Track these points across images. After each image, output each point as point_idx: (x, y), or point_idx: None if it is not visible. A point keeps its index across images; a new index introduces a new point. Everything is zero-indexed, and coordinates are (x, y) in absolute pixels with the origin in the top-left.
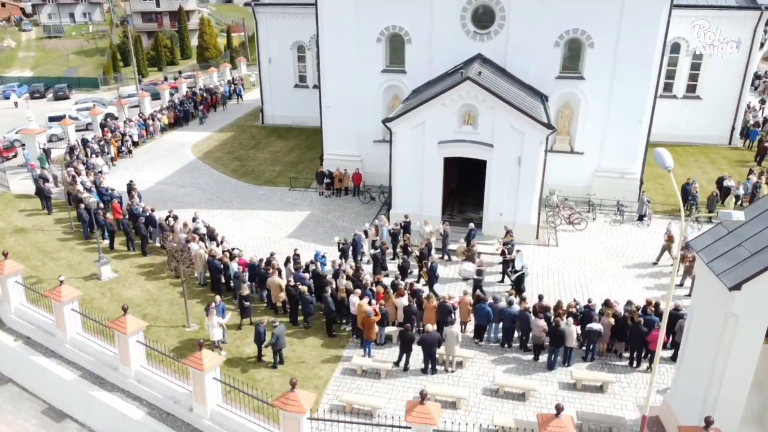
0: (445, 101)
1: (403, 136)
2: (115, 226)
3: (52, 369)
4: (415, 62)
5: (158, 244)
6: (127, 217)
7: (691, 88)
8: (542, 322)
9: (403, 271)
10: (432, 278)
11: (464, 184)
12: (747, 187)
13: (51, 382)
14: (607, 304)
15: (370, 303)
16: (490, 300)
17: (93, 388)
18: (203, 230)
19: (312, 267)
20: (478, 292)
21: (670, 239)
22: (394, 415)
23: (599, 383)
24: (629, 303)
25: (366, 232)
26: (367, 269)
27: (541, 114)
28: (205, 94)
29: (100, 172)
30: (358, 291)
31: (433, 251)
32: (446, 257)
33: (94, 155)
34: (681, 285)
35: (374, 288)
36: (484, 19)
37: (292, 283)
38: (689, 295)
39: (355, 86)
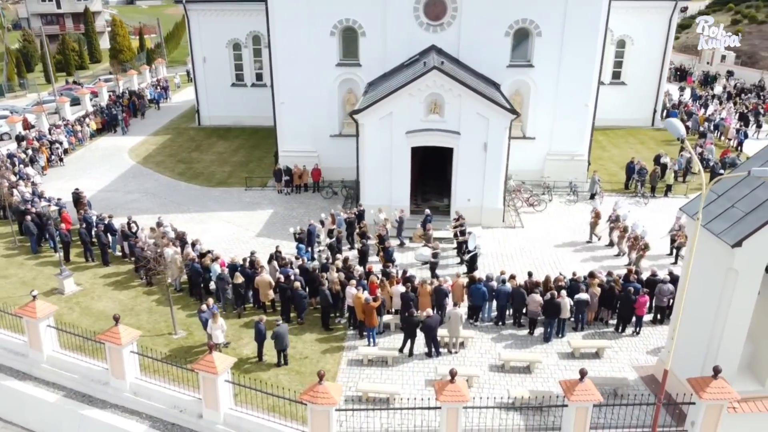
0: (412, 91)
1: (371, 128)
2: (70, 237)
3: (30, 392)
4: (370, 55)
5: (119, 253)
6: (84, 226)
7: (617, 75)
8: (539, 297)
9: (363, 255)
10: (388, 262)
11: (424, 173)
12: (681, 163)
13: (30, 406)
14: (591, 275)
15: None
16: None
17: (82, 407)
18: (172, 234)
19: (298, 262)
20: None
21: (597, 216)
22: (412, 399)
23: (595, 349)
24: (609, 274)
25: (322, 222)
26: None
27: (502, 101)
28: (132, 98)
29: (33, 182)
30: (354, 282)
31: (389, 237)
32: (402, 243)
33: (22, 165)
34: (618, 255)
35: (365, 279)
36: (436, 10)
37: (282, 279)
38: (627, 264)
39: (309, 81)
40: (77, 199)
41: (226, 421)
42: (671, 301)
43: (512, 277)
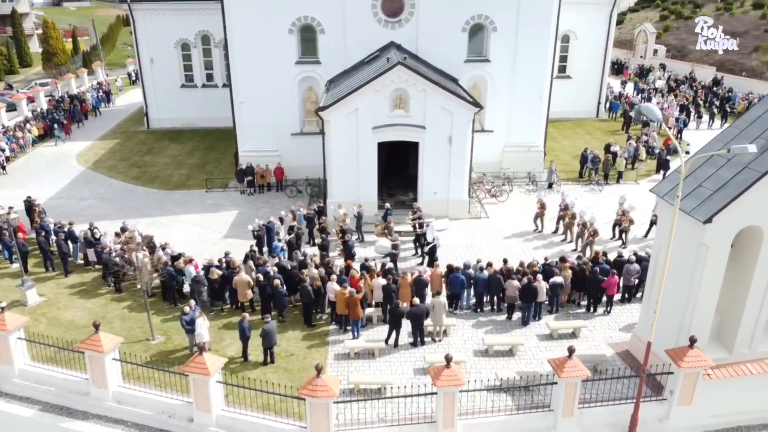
0: (377, 87)
1: (337, 125)
2: (27, 246)
3: (2, 408)
4: (329, 52)
5: (80, 261)
6: (43, 234)
7: (562, 69)
8: (516, 283)
9: (324, 248)
10: (348, 256)
11: (387, 168)
12: (629, 151)
13: (4, 423)
14: (562, 259)
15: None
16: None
17: (62, 420)
18: (138, 239)
19: (274, 260)
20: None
21: (542, 207)
22: (404, 388)
23: (572, 330)
24: (579, 257)
25: (281, 219)
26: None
27: (464, 94)
28: (74, 102)
29: None
30: (335, 277)
31: (350, 231)
32: (361, 238)
33: None
34: (564, 240)
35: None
36: (394, 7)
37: (261, 278)
38: (574, 249)
39: (268, 80)
40: (30, 207)
41: (218, 422)
42: (637, 280)
43: (489, 264)
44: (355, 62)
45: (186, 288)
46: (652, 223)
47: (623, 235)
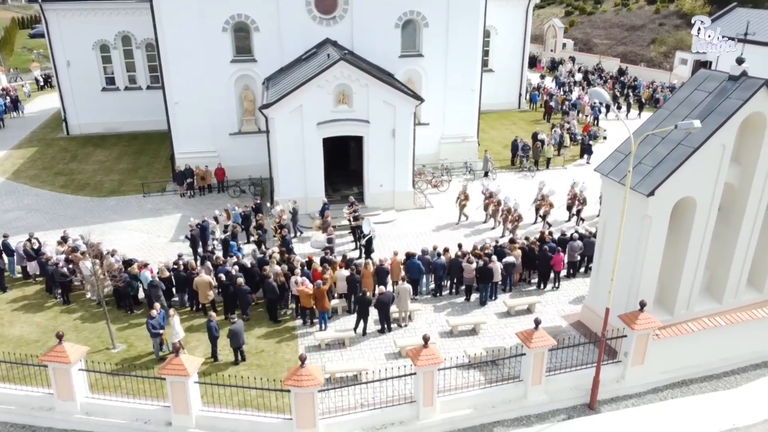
0: (320, 83)
1: (282, 122)
2: None
3: None
4: (265, 50)
5: (18, 275)
6: None
7: (485, 63)
8: (473, 265)
9: (260, 245)
10: (288, 250)
11: (331, 164)
12: (555, 138)
13: None
14: (512, 241)
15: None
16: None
17: None
18: (83, 247)
19: (234, 260)
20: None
21: (465, 198)
22: (379, 372)
23: (527, 306)
24: (527, 238)
25: (216, 218)
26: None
27: (405, 88)
28: None
29: None
30: (298, 271)
31: (289, 225)
32: (298, 233)
33: None
34: (494, 228)
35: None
36: (327, 4)
37: (223, 278)
38: (502, 236)
39: (203, 80)
40: None
41: (198, 423)
42: (580, 256)
43: (446, 250)
44: (291, 60)
45: (141, 294)
46: (569, 206)
47: (544, 219)
